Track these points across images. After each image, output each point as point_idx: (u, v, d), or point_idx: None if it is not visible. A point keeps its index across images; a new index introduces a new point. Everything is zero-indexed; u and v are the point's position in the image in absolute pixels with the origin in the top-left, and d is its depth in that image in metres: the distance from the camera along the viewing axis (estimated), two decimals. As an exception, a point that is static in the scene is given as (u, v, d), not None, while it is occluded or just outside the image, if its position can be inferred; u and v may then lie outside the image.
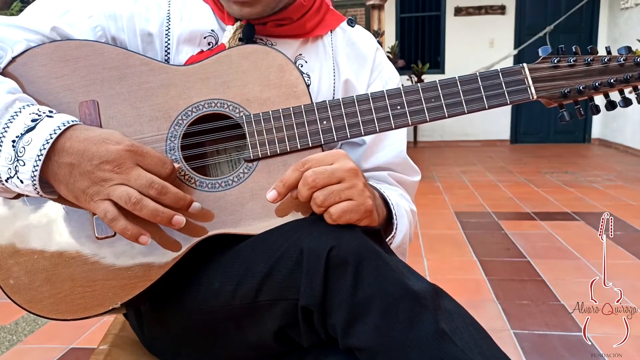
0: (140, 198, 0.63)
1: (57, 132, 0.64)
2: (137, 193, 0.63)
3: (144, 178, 0.64)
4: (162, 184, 0.65)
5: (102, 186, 0.63)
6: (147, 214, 0.64)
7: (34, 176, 0.63)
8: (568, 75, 0.74)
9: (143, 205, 0.63)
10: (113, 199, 0.63)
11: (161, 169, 0.66)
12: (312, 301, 0.61)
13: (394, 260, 0.64)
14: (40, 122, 0.64)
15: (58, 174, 0.65)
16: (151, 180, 0.64)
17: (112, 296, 0.68)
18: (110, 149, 0.64)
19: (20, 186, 0.65)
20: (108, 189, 0.63)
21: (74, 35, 0.76)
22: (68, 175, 0.64)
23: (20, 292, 0.68)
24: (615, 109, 0.75)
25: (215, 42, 0.82)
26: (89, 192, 0.64)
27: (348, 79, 0.87)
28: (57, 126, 0.64)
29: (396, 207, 0.80)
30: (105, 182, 0.63)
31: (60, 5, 0.78)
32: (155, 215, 0.64)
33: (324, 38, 0.88)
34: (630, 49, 0.75)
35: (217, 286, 0.70)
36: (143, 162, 0.65)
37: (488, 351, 0.58)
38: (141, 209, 0.63)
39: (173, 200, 0.66)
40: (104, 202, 0.64)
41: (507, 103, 0.74)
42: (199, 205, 0.68)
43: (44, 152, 0.63)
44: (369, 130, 0.74)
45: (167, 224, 0.66)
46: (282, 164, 0.73)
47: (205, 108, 0.73)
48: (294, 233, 0.66)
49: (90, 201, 0.64)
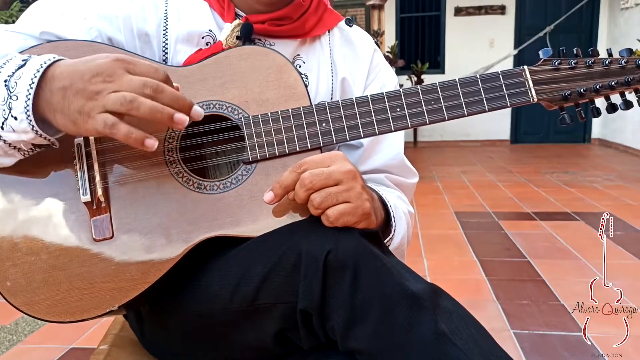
0: (136, 96, 0.60)
1: (47, 62, 0.63)
2: (131, 93, 0.60)
3: (136, 80, 0.61)
4: (156, 82, 0.61)
5: (96, 100, 0.60)
6: (146, 111, 0.60)
7: (27, 107, 0.61)
8: (569, 78, 0.74)
9: (140, 102, 0.60)
10: (109, 107, 0.60)
11: (154, 73, 0.63)
12: (311, 304, 0.61)
13: (392, 261, 0.64)
14: (30, 60, 0.64)
15: (52, 102, 0.62)
16: (144, 81, 0.61)
17: (110, 299, 0.68)
18: (99, 62, 0.61)
19: (15, 126, 0.62)
20: (103, 99, 0.60)
21: (69, 37, 0.76)
22: (62, 100, 0.61)
23: (18, 295, 0.68)
24: (616, 112, 0.75)
25: (213, 41, 0.81)
26: (85, 109, 0.60)
27: (345, 77, 0.87)
28: (47, 59, 0.63)
29: (394, 209, 0.80)
30: (98, 94, 0.60)
31: (54, 8, 0.78)
32: (154, 111, 0.60)
33: (321, 38, 0.88)
34: (632, 51, 0.74)
35: (216, 289, 0.69)
36: (134, 70, 0.62)
37: (488, 350, 0.58)
38: (138, 107, 0.60)
39: (170, 99, 0.62)
40: (101, 114, 0.60)
41: (508, 105, 0.74)
42: (201, 110, 0.65)
43: (35, 81, 0.61)
44: (368, 132, 0.73)
45: (169, 121, 0.62)
46: (281, 166, 0.72)
47: (203, 109, 0.73)
48: (291, 236, 0.66)
49: (88, 119, 0.60)
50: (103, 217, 0.69)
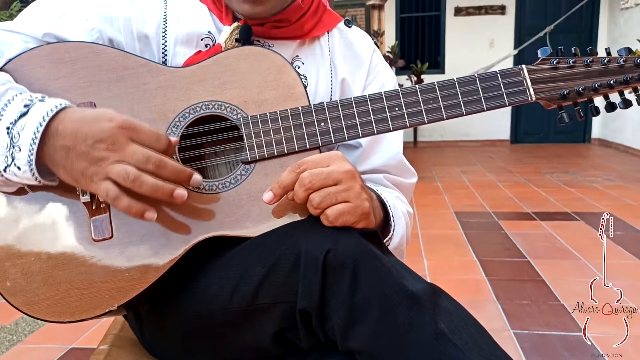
0: (139, 174, 0.62)
1: (50, 114, 0.63)
2: (135, 169, 0.62)
3: (140, 153, 0.62)
4: (159, 158, 0.63)
5: (99, 166, 0.62)
6: (147, 190, 0.62)
7: (30, 161, 0.63)
8: (567, 77, 0.74)
9: (142, 181, 0.62)
10: (112, 177, 0.62)
11: (156, 143, 0.64)
12: (310, 304, 0.61)
13: (392, 261, 0.64)
14: (33, 107, 0.64)
15: (55, 158, 0.64)
16: (148, 155, 0.62)
17: (109, 298, 0.68)
18: (103, 127, 0.62)
19: (18, 174, 0.64)
20: (106, 168, 0.62)
21: (70, 38, 0.76)
22: (65, 158, 0.63)
23: (17, 295, 0.68)
24: (615, 111, 0.74)
25: (212, 43, 0.81)
26: (88, 173, 0.63)
27: (344, 78, 0.87)
28: (49, 109, 0.63)
29: (393, 209, 0.80)
30: (102, 161, 0.62)
31: (55, 9, 0.78)
32: (155, 190, 0.62)
33: (320, 39, 0.88)
34: (631, 50, 0.74)
35: (215, 289, 0.69)
36: (137, 138, 0.63)
37: (487, 350, 0.58)
38: (141, 185, 0.62)
39: (172, 174, 0.64)
40: (104, 182, 0.62)
41: (506, 105, 0.73)
42: (200, 177, 0.66)
43: (38, 136, 0.62)
44: (366, 132, 0.73)
45: (169, 198, 0.64)
46: (280, 166, 0.72)
47: (202, 110, 0.73)
48: (290, 236, 0.66)
49: (90, 182, 0.63)
50: (102, 217, 0.69)
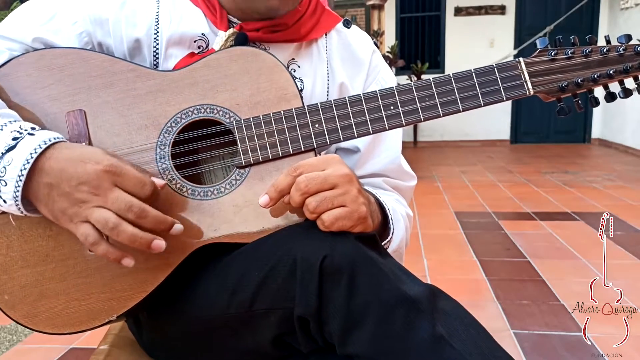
0: (118, 223, 0.61)
1: (38, 151, 0.63)
2: (115, 217, 0.61)
3: (122, 201, 0.62)
4: (140, 207, 0.62)
5: (80, 207, 0.62)
6: (125, 239, 0.62)
7: (17, 197, 0.63)
8: (566, 68, 0.72)
9: (120, 230, 0.61)
10: (91, 221, 0.62)
11: (140, 190, 0.63)
12: (308, 310, 0.61)
13: (389, 265, 0.63)
14: (22, 141, 0.63)
15: (38, 194, 0.64)
16: (130, 204, 0.62)
17: (108, 309, 0.68)
18: (88, 169, 0.62)
19: (4, 206, 0.64)
20: (86, 210, 0.62)
21: (59, 43, 0.74)
22: (47, 196, 0.63)
23: (16, 308, 0.67)
24: (614, 104, 0.73)
25: (205, 45, 0.80)
26: (68, 213, 0.63)
27: (343, 82, 0.86)
28: (37, 145, 0.63)
29: (392, 211, 0.79)
30: (83, 203, 0.62)
31: (43, 12, 0.76)
32: (133, 240, 0.62)
33: (318, 41, 0.86)
34: (631, 37, 0.71)
35: (213, 295, 0.69)
36: (122, 183, 0.63)
37: (487, 351, 0.58)
38: (119, 234, 0.61)
39: (153, 224, 0.63)
40: (83, 225, 0.62)
41: (504, 99, 0.72)
42: (181, 227, 0.66)
43: (24, 173, 0.62)
44: (362, 132, 0.72)
45: (146, 249, 0.63)
46: (275, 169, 0.71)
47: (194, 114, 0.72)
48: (287, 241, 0.66)
49: (70, 222, 0.63)
50: None
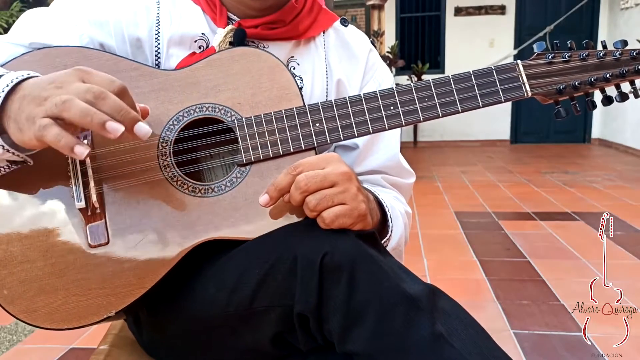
0: (71, 98, 0.56)
1: (20, 77, 0.61)
2: (68, 95, 0.56)
3: (83, 86, 0.57)
4: (100, 89, 0.57)
5: (43, 105, 0.57)
6: (76, 114, 0.56)
7: None
8: (563, 71, 0.73)
9: (73, 104, 0.55)
10: (48, 112, 0.57)
11: (109, 85, 0.59)
12: (308, 308, 0.61)
13: (389, 263, 0.64)
14: (5, 75, 0.62)
15: (9, 111, 0.60)
16: (89, 86, 0.57)
17: (107, 305, 0.68)
18: (59, 72, 0.60)
19: None
20: (46, 104, 0.57)
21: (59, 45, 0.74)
22: (18, 109, 0.59)
23: (15, 303, 0.67)
24: (613, 105, 0.73)
25: (206, 45, 0.81)
26: (31, 115, 0.58)
27: (340, 79, 0.86)
28: (20, 74, 0.61)
29: (391, 209, 0.80)
30: (46, 100, 0.57)
31: (44, 17, 0.77)
32: (85, 114, 0.56)
33: (316, 39, 0.87)
34: (627, 43, 0.73)
35: (212, 293, 0.69)
36: (90, 79, 0.59)
37: (486, 351, 0.58)
38: (70, 108, 0.55)
39: (112, 108, 0.57)
40: (42, 119, 0.57)
41: (502, 101, 0.73)
42: (148, 128, 0.60)
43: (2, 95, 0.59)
44: (362, 131, 0.73)
45: (100, 128, 0.56)
46: (275, 167, 0.72)
47: (196, 112, 0.73)
48: (287, 239, 0.66)
49: (32, 125, 0.57)
50: (98, 223, 0.69)
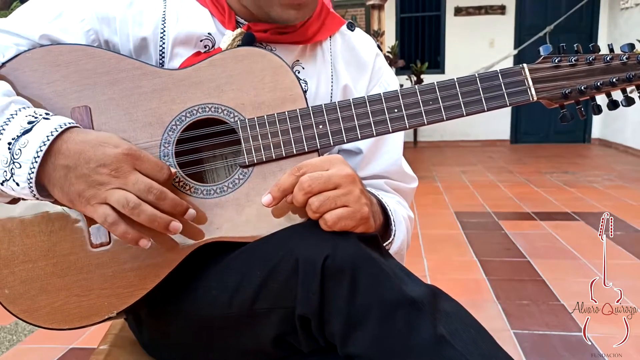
0: (139, 203, 0.62)
1: (55, 134, 0.63)
2: (135, 198, 0.62)
3: (142, 183, 0.63)
4: (160, 189, 0.64)
5: (99, 189, 0.62)
6: (145, 219, 0.63)
7: (30, 179, 0.62)
8: (569, 75, 0.72)
9: (141, 210, 0.62)
10: (111, 203, 0.62)
11: (158, 173, 0.65)
12: (309, 310, 0.61)
13: (391, 265, 0.64)
14: (37, 124, 0.63)
15: (53, 177, 0.63)
16: (150, 186, 0.63)
17: (108, 305, 0.68)
18: (108, 152, 0.63)
19: (16, 189, 0.64)
20: (105, 192, 0.62)
21: (66, 40, 0.75)
22: (64, 178, 0.63)
23: (16, 302, 0.68)
24: (617, 109, 0.72)
25: (212, 45, 0.80)
26: (86, 195, 0.63)
27: (347, 84, 0.86)
28: (54, 128, 0.63)
29: (394, 213, 0.79)
30: (102, 185, 0.62)
31: (51, 9, 0.76)
32: (152, 220, 0.63)
33: (322, 43, 0.87)
34: (634, 46, 0.72)
35: (214, 294, 0.69)
36: (141, 167, 0.64)
37: (488, 351, 0.58)
38: (139, 214, 0.62)
39: (171, 206, 0.65)
40: (102, 206, 0.63)
41: (507, 105, 0.72)
42: (194, 212, 0.67)
43: (40, 155, 0.62)
44: (365, 134, 0.72)
45: (164, 230, 0.65)
46: (278, 169, 0.72)
47: (199, 113, 0.72)
48: (289, 240, 0.66)
49: (87, 205, 0.63)
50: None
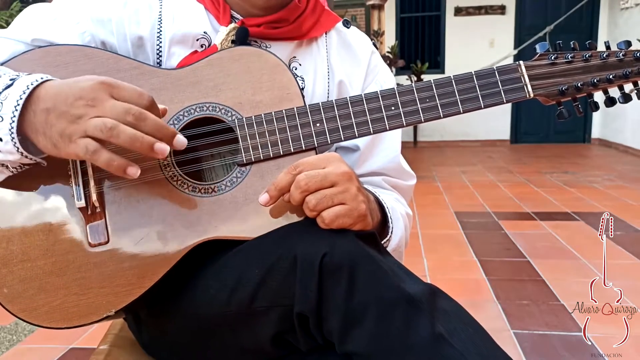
0: (117, 124, 0.59)
1: (35, 84, 0.62)
2: (112, 120, 0.59)
3: (120, 106, 0.60)
4: (139, 110, 0.61)
5: (78, 124, 0.60)
6: (126, 140, 0.59)
7: (12, 128, 0.61)
8: (566, 72, 0.73)
9: (120, 130, 0.59)
10: (89, 133, 0.59)
11: (138, 99, 0.62)
12: (307, 308, 0.61)
13: (389, 263, 0.64)
14: (18, 80, 0.63)
15: (34, 123, 0.62)
16: (128, 107, 0.60)
17: (106, 304, 0.68)
18: (83, 85, 0.61)
19: (1, 148, 0.62)
20: (84, 124, 0.60)
21: (61, 42, 0.75)
22: (44, 122, 0.61)
23: (14, 301, 0.68)
24: (614, 106, 0.73)
25: (208, 44, 0.80)
26: (66, 132, 0.60)
27: (342, 80, 0.86)
28: (34, 79, 0.62)
29: (392, 210, 0.79)
30: (80, 118, 0.60)
31: (46, 14, 0.77)
32: (134, 140, 0.60)
33: (318, 40, 0.87)
34: (630, 44, 0.73)
35: (212, 292, 0.69)
36: (118, 94, 0.61)
37: (486, 351, 0.58)
38: (118, 135, 0.59)
39: (153, 127, 0.61)
40: (83, 139, 0.60)
41: (504, 102, 0.73)
42: (184, 140, 0.65)
43: (20, 102, 0.61)
44: (362, 132, 0.72)
45: (149, 151, 0.61)
46: (276, 167, 0.72)
47: (197, 112, 0.72)
48: (287, 238, 0.66)
49: (69, 143, 0.60)
50: (98, 222, 0.69)
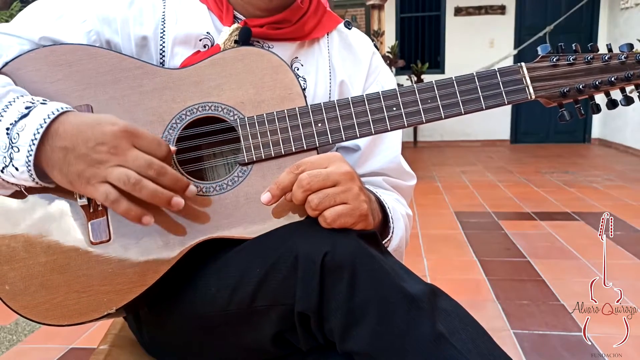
0: (140, 179, 0.62)
1: (52, 116, 0.63)
2: (135, 174, 0.62)
3: (142, 159, 0.62)
4: (160, 165, 0.63)
5: (98, 168, 0.62)
6: (147, 195, 0.62)
7: (29, 161, 0.62)
8: (567, 74, 0.73)
9: (142, 185, 0.62)
10: (111, 180, 0.62)
11: (157, 150, 0.64)
12: (308, 307, 0.61)
13: (390, 262, 0.64)
14: (34, 109, 0.64)
15: (52, 159, 0.63)
16: (150, 161, 0.63)
17: (107, 302, 0.68)
18: (105, 130, 0.62)
19: (16, 175, 0.64)
20: (105, 170, 0.62)
21: (67, 41, 0.75)
22: (62, 160, 0.63)
23: (16, 298, 0.68)
24: (616, 108, 0.73)
25: (211, 44, 0.81)
26: (86, 174, 0.62)
27: (343, 80, 0.87)
28: (50, 111, 0.63)
29: (392, 210, 0.80)
30: (101, 164, 0.62)
31: (52, 11, 0.77)
32: (154, 195, 0.63)
33: (320, 41, 0.87)
34: (632, 46, 0.73)
35: (213, 291, 0.69)
36: (139, 143, 0.64)
37: (486, 350, 0.58)
38: (141, 190, 0.62)
39: (171, 182, 0.64)
40: (103, 185, 0.62)
41: (505, 103, 0.73)
42: (195, 189, 0.67)
43: (37, 137, 0.62)
44: (364, 132, 0.73)
45: (166, 205, 0.64)
46: (277, 167, 0.72)
47: (199, 111, 0.73)
48: (288, 238, 0.66)
49: (87, 185, 0.63)
50: (100, 220, 0.69)
